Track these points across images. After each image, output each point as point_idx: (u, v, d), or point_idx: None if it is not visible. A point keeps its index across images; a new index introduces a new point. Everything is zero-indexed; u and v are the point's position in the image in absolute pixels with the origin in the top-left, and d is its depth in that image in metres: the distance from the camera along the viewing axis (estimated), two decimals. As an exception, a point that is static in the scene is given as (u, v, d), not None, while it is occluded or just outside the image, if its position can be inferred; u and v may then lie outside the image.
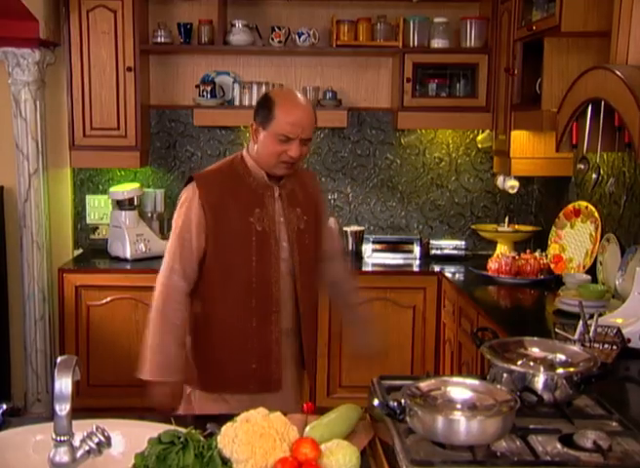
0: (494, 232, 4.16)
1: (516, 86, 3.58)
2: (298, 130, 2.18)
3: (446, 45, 4.03)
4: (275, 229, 2.27)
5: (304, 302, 2.33)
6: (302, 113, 2.22)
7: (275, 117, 2.19)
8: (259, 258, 2.25)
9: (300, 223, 2.32)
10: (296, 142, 2.19)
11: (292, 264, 2.29)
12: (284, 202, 2.30)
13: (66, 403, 1.27)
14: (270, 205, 2.27)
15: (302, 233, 2.32)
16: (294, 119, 2.18)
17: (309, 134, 2.23)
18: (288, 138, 2.18)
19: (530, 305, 3.32)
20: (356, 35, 4.03)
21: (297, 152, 2.20)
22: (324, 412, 1.68)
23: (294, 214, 2.31)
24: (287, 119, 2.18)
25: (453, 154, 4.37)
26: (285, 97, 2.31)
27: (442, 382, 1.60)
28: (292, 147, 2.19)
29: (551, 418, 1.60)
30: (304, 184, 2.39)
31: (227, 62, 4.25)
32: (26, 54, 3.88)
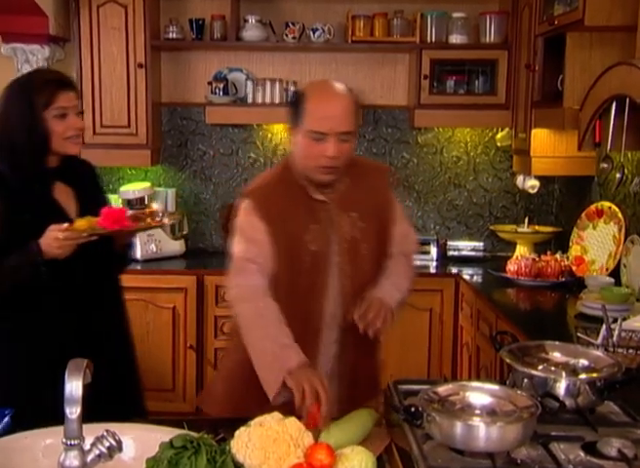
0: (513, 233, 4.14)
1: (537, 82, 3.56)
2: (331, 123, 1.92)
3: (464, 41, 4.02)
4: (333, 245, 2.05)
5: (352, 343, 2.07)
6: (335, 102, 1.95)
7: (306, 111, 1.95)
8: (310, 281, 2.04)
9: (355, 231, 2.07)
10: (332, 139, 1.93)
11: (341, 285, 2.06)
12: (336, 208, 2.07)
13: (77, 406, 1.28)
14: (329, 217, 2.06)
15: (358, 243, 2.07)
16: (325, 111, 1.94)
17: (347, 126, 1.95)
18: (322, 135, 1.93)
19: (550, 308, 3.30)
20: (372, 31, 4.03)
21: (334, 150, 1.94)
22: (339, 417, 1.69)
23: (346, 221, 2.07)
24: (317, 112, 1.94)
25: (471, 153, 4.36)
26: (316, 87, 2.07)
27: (460, 387, 1.60)
28: (328, 146, 1.93)
29: (574, 425, 1.59)
30: (367, 181, 2.12)
31: (240, 59, 4.26)
32: (35, 50, 3.91)
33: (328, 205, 2.06)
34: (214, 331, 3.88)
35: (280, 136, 4.34)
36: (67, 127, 2.12)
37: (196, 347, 3.86)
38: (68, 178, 2.22)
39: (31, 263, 2.05)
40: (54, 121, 2.10)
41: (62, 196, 2.19)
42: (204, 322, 3.87)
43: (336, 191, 2.08)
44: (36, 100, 2.08)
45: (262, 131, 4.34)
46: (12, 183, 2.10)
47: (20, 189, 2.10)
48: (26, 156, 2.10)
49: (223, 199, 4.38)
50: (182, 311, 3.86)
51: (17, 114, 2.10)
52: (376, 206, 2.13)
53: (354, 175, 2.11)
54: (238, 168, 4.37)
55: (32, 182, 2.12)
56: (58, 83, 2.13)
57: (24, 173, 2.11)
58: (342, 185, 2.09)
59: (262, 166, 4.36)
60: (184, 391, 3.89)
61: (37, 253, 2.03)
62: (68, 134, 2.13)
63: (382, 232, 2.14)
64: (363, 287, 2.07)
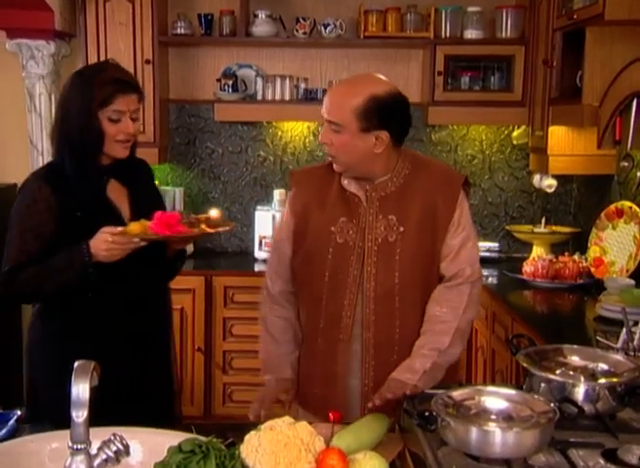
0: (529, 233, 4.13)
1: (555, 79, 3.55)
2: (324, 108, 2.07)
3: (480, 36, 4.01)
4: (362, 244, 2.09)
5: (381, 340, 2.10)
6: (334, 90, 2.16)
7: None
8: (332, 275, 2.11)
9: (390, 234, 2.07)
10: (325, 124, 2.06)
11: (372, 286, 2.09)
12: (373, 207, 2.09)
13: (84, 409, 1.28)
14: (363, 214, 2.10)
15: (392, 247, 2.07)
16: (326, 96, 2.10)
17: (333, 116, 2.03)
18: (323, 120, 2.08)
19: (568, 311, 3.29)
20: (385, 26, 4.03)
21: (321, 135, 2.09)
22: (351, 422, 1.69)
23: (383, 223, 2.08)
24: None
25: (486, 151, 4.35)
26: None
27: (476, 391, 1.60)
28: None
29: (593, 432, 1.58)
30: (423, 185, 2.10)
31: (250, 55, 4.27)
32: (41, 45, 3.93)
33: (365, 201, 2.10)
34: (222, 333, 3.88)
35: (290, 134, 4.35)
36: (119, 130, 2.10)
37: (204, 350, 3.87)
38: (123, 177, 2.20)
39: (79, 265, 2.03)
40: (106, 122, 2.08)
41: (116, 195, 2.18)
42: (212, 324, 3.88)
43: (380, 190, 2.10)
44: (94, 98, 2.06)
45: (272, 128, 4.35)
46: (69, 177, 2.09)
47: (75, 184, 2.09)
48: (82, 150, 2.09)
49: (232, 198, 4.39)
50: (190, 313, 3.86)
51: (75, 107, 2.08)
52: (426, 212, 2.09)
53: (411, 177, 2.11)
54: (247, 166, 4.38)
55: (87, 178, 2.11)
56: (119, 84, 2.10)
57: (81, 166, 2.10)
58: (392, 186, 2.10)
59: (272, 164, 4.36)
60: (192, 394, 3.90)
61: (86, 254, 2.02)
62: (119, 137, 2.11)
63: (428, 242, 2.09)
64: (389, 293, 2.07)
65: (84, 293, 2.11)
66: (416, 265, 2.09)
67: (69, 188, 2.09)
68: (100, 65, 2.21)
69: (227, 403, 3.94)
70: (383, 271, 2.08)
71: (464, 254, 2.11)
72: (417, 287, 2.10)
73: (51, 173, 2.14)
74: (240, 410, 3.83)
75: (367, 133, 2.01)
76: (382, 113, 2.01)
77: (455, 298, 2.09)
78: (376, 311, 2.08)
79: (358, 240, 2.09)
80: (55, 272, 2.06)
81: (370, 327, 2.10)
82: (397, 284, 2.08)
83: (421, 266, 2.09)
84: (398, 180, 2.10)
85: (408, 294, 2.09)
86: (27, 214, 2.07)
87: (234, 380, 3.93)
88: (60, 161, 2.12)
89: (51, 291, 2.09)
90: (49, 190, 2.07)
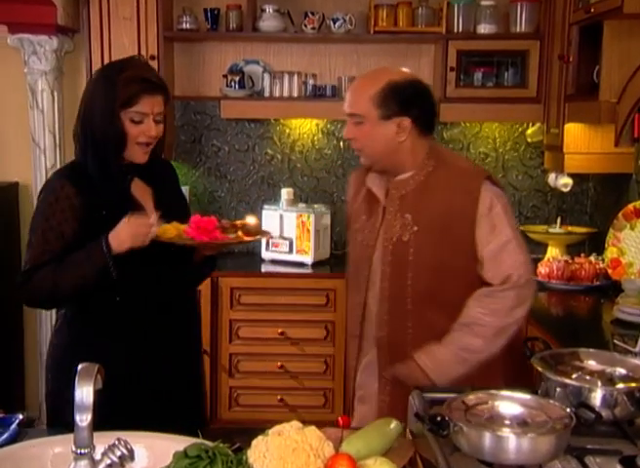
0: (544, 234, 4.11)
1: (571, 74, 3.54)
2: (345, 103, 2.16)
3: (493, 30, 4.00)
4: (374, 243, 2.17)
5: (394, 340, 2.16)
6: (352, 85, 2.22)
7: None
8: (353, 272, 2.23)
9: (404, 234, 2.11)
10: (348, 120, 2.15)
11: (386, 286, 2.14)
12: (393, 206, 2.14)
13: (88, 413, 1.29)
14: (381, 213, 2.17)
15: (405, 246, 2.11)
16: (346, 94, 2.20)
17: (351, 108, 2.13)
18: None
19: (585, 314, 3.28)
20: (396, 20, 4.02)
21: (345, 131, 2.17)
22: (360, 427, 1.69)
23: (399, 221, 2.12)
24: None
25: (500, 149, 4.34)
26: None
27: (489, 396, 1.59)
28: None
29: (611, 438, 1.57)
30: (442, 184, 2.13)
31: (257, 50, 4.27)
32: (43, 41, 3.94)
33: (382, 200, 2.16)
34: (228, 335, 3.89)
35: (298, 132, 4.35)
36: (140, 132, 2.08)
37: (210, 352, 3.87)
38: (147, 176, 2.19)
39: (98, 258, 2.01)
40: (128, 123, 2.06)
41: (140, 193, 2.16)
42: (218, 326, 3.88)
43: (401, 188, 2.14)
44: (117, 97, 2.04)
45: (280, 126, 4.35)
46: (93, 176, 2.07)
47: (98, 183, 2.08)
48: (105, 150, 2.07)
49: (239, 197, 4.40)
50: (196, 315, 3.87)
51: (97, 106, 2.07)
52: (443, 212, 2.10)
53: (432, 175, 2.13)
54: (254, 165, 4.38)
55: (111, 177, 2.10)
56: (145, 83, 2.07)
57: (104, 165, 2.08)
58: (413, 184, 2.13)
59: (280, 163, 4.37)
60: (197, 399, 3.91)
61: (105, 246, 2.00)
62: (140, 139, 2.09)
63: (445, 242, 2.10)
64: (401, 294, 2.10)
65: (112, 297, 2.10)
66: (430, 267, 2.10)
67: (93, 187, 2.08)
68: (126, 62, 2.17)
69: (234, 407, 3.94)
70: (397, 271, 2.11)
71: (507, 260, 2.09)
72: (431, 289, 2.11)
73: (74, 171, 2.12)
74: (247, 415, 3.86)
75: (387, 120, 2.08)
76: (401, 98, 2.07)
77: (499, 302, 2.09)
78: (389, 311, 2.12)
79: (372, 239, 2.15)
80: (71, 268, 2.03)
81: (383, 326, 2.14)
82: (409, 285, 2.10)
83: (437, 268, 2.10)
84: (419, 178, 2.13)
85: (421, 296, 2.10)
86: (50, 212, 2.06)
87: (241, 384, 3.94)
88: (83, 160, 2.11)
89: (68, 289, 2.05)
90: (72, 189, 2.06)
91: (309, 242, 4.02)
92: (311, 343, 3.89)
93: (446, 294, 2.12)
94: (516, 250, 2.11)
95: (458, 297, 2.11)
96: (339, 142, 4.35)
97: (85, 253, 2.03)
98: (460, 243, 2.10)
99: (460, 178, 2.14)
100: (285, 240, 4.03)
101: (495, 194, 2.12)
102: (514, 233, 2.13)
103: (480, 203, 2.09)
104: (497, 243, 2.09)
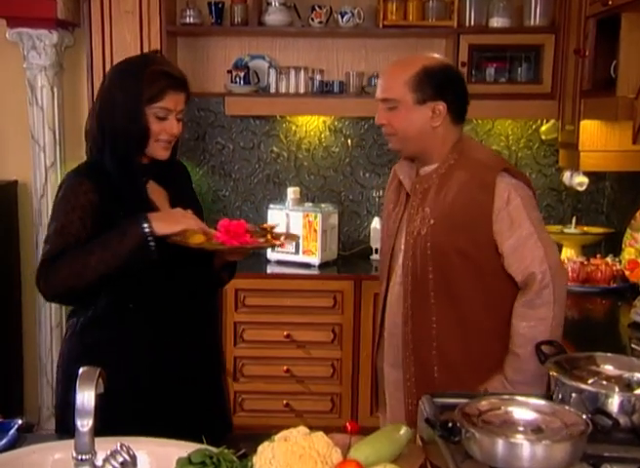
0: (559, 234, 4.10)
1: (587, 69, 3.53)
2: (377, 89, 2.23)
3: (507, 24, 3.99)
4: (394, 234, 2.25)
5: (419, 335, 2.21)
6: (384, 70, 2.29)
7: None
8: (380, 264, 2.38)
9: (422, 228, 2.17)
10: (380, 105, 2.21)
11: (409, 280, 2.20)
12: (416, 199, 2.21)
13: (89, 418, 1.29)
14: (405, 205, 2.25)
15: (423, 240, 2.16)
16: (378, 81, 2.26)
17: (385, 93, 2.19)
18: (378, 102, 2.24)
19: (601, 317, 3.27)
20: (405, 14, 4.02)
21: (377, 117, 2.22)
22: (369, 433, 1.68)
23: (418, 216, 2.18)
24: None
25: (513, 147, 4.33)
26: None
27: (502, 401, 1.59)
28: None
29: (629, 446, 1.57)
30: (460, 176, 2.17)
31: (262, 45, 4.28)
32: (43, 35, 3.95)
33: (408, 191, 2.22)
34: (233, 338, 3.89)
35: (305, 129, 4.35)
36: (163, 129, 2.08)
37: (214, 356, 3.87)
38: (161, 179, 2.19)
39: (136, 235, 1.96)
40: (152, 119, 2.06)
41: (156, 196, 2.16)
42: (222, 329, 3.88)
43: (424, 182, 2.20)
44: (143, 92, 2.04)
45: (286, 123, 4.36)
46: (111, 174, 2.06)
47: (117, 182, 2.07)
48: (125, 148, 2.07)
49: (244, 196, 4.40)
50: (199, 317, 3.87)
51: (120, 103, 2.06)
52: (460, 205, 2.13)
53: (453, 168, 2.18)
54: (260, 163, 4.38)
55: (128, 178, 2.09)
56: (171, 79, 2.09)
57: (123, 165, 2.08)
58: (436, 178, 2.19)
59: (286, 161, 4.37)
60: (201, 404, 3.91)
61: (144, 221, 1.96)
62: (161, 137, 2.10)
63: (461, 236, 2.12)
64: (425, 289, 2.16)
65: (124, 304, 2.09)
66: (449, 260, 2.14)
67: (110, 186, 2.07)
68: (148, 57, 2.17)
69: (239, 412, 3.94)
70: (418, 265, 2.16)
71: (528, 255, 2.11)
72: (453, 282, 2.15)
73: (91, 169, 2.11)
74: (252, 420, 3.86)
75: (422, 104, 2.14)
76: (436, 82, 2.14)
77: (540, 309, 2.12)
78: (412, 305, 2.18)
79: (394, 229, 2.25)
80: (101, 248, 1.97)
81: (408, 321, 2.19)
82: (431, 279, 2.15)
83: (457, 261, 2.13)
84: (441, 171, 2.19)
85: (444, 290, 2.15)
86: (69, 208, 2.04)
87: (245, 388, 3.94)
88: (100, 158, 2.10)
89: (97, 272, 1.97)
90: (90, 185, 2.05)
91: (316, 242, 4.02)
92: (318, 346, 3.89)
93: (469, 288, 2.15)
94: (537, 244, 2.12)
95: (482, 290, 2.16)
96: (346, 140, 4.35)
97: (119, 231, 1.98)
98: (478, 236, 2.12)
99: (475, 171, 2.17)
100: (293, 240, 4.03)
101: (513, 186, 2.13)
102: (535, 227, 2.13)
103: (496, 196, 2.11)
104: (516, 238, 2.11)
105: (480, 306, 2.16)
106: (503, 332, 2.16)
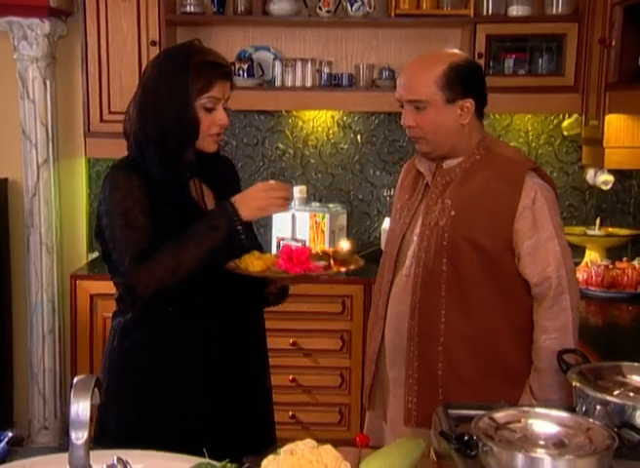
0: (582, 236, 4.10)
1: (613, 60, 3.52)
2: (400, 90, 2.25)
3: (527, 12, 3.98)
4: (412, 224, 2.30)
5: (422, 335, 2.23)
6: (408, 70, 2.29)
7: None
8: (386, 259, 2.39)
9: (443, 219, 2.22)
10: (405, 107, 2.24)
11: (420, 272, 2.24)
12: (436, 192, 2.26)
13: (84, 430, 1.29)
14: (423, 196, 2.31)
15: (441, 231, 2.21)
16: (400, 79, 2.28)
17: (413, 94, 2.21)
18: (400, 103, 2.26)
19: (627, 324, 3.27)
20: (419, 3, 4.02)
21: (405, 119, 2.24)
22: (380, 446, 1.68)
23: (437, 207, 2.23)
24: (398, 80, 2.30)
25: (532, 143, 4.33)
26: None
27: (522, 413, 1.59)
28: (404, 114, 2.25)
29: (657, 462, 1.57)
30: (484, 171, 2.23)
31: (267, 36, 4.28)
32: (34, 24, 3.96)
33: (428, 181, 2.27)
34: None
35: (312, 125, 4.36)
36: (213, 121, 2.11)
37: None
38: (206, 176, 2.21)
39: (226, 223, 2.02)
40: (202, 112, 2.09)
41: (200, 196, 2.19)
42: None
43: (446, 175, 2.25)
44: (191, 84, 2.06)
45: (292, 118, 4.36)
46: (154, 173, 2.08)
47: (160, 181, 2.09)
48: (173, 144, 2.08)
49: (247, 196, 4.40)
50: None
51: (166, 96, 2.07)
52: (483, 199, 2.19)
53: (479, 163, 2.24)
54: (264, 160, 4.39)
55: (172, 176, 2.11)
56: (218, 68, 2.11)
57: (167, 161, 2.09)
58: (459, 171, 2.24)
59: (292, 158, 4.37)
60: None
61: (231, 209, 2.03)
62: (213, 130, 2.12)
63: (482, 231, 2.17)
64: (436, 281, 2.19)
65: (165, 307, 2.12)
66: (464, 253, 2.18)
67: (154, 185, 2.09)
68: (189, 47, 2.19)
69: (241, 425, 3.94)
70: (433, 257, 2.20)
71: (546, 259, 2.16)
72: (465, 277, 2.19)
73: (135, 165, 2.12)
74: (255, 434, 3.86)
75: (452, 103, 2.20)
76: (464, 80, 2.20)
77: (558, 317, 2.17)
78: (421, 298, 2.20)
79: (409, 216, 2.29)
80: (192, 242, 2.02)
81: (415, 314, 2.21)
82: (444, 271, 2.19)
83: (472, 255, 2.18)
84: (465, 165, 2.24)
85: (455, 285, 2.18)
86: (126, 206, 2.05)
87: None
88: (139, 156, 2.12)
89: (192, 266, 2.03)
90: (139, 181, 2.07)
91: (324, 244, 4.02)
92: (326, 355, 3.89)
93: (481, 284, 2.19)
94: (556, 248, 2.17)
95: (494, 288, 2.19)
96: (356, 136, 4.35)
97: (206, 224, 2.04)
98: (496, 231, 2.17)
99: (504, 167, 2.23)
100: (297, 242, 4.03)
101: (540, 187, 2.19)
102: (557, 231, 2.19)
103: (523, 194, 2.16)
104: (536, 239, 2.16)
105: (490, 304, 2.20)
106: (512, 334, 2.21)
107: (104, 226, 2.12)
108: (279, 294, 2.32)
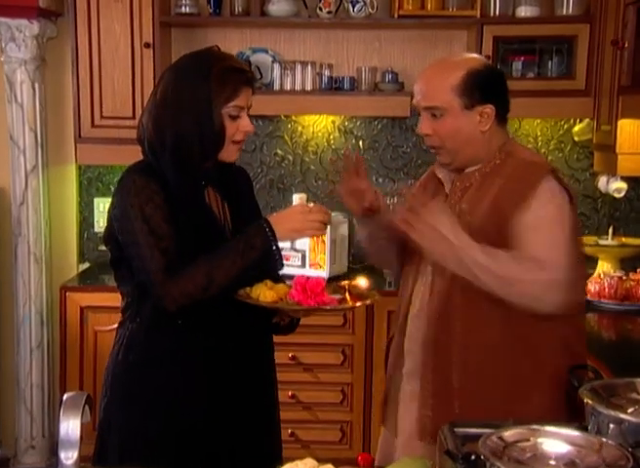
0: (594, 246, 4.09)
1: (626, 63, 3.53)
2: (417, 97, 2.28)
3: (535, 13, 3.99)
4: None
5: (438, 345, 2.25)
6: (423, 76, 2.32)
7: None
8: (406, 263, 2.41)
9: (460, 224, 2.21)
10: (422, 114, 2.27)
11: (437, 280, 2.26)
12: (454, 197, 2.29)
13: (74, 450, 1.29)
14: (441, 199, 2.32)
15: None
16: (416, 85, 2.30)
17: (430, 101, 2.24)
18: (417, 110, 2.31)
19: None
20: (423, 3, 4.03)
21: (421, 127, 2.27)
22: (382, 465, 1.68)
23: (456, 212, 2.24)
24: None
25: (542, 149, 4.33)
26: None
27: (531, 432, 1.58)
28: (420, 121, 2.28)
29: (673, 482, 1.56)
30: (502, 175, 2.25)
31: (266, 38, 4.29)
32: (23, 25, 3.96)
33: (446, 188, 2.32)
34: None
35: (312, 130, 4.36)
36: (238, 129, 2.13)
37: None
38: (221, 186, 2.22)
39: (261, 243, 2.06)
40: (227, 120, 2.10)
41: (216, 206, 2.21)
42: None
43: (466, 180, 2.27)
44: (215, 93, 2.08)
45: (292, 123, 4.37)
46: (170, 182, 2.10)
47: (176, 190, 2.10)
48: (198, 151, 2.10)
49: (244, 204, 4.40)
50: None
51: (189, 105, 2.08)
52: (497, 200, 2.20)
53: (497, 167, 2.26)
54: (262, 167, 4.39)
55: (188, 184, 2.13)
56: (242, 74, 2.13)
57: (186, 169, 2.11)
58: (478, 176, 2.26)
59: (291, 164, 4.38)
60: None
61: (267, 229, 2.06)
62: (237, 137, 2.14)
63: (494, 235, 2.17)
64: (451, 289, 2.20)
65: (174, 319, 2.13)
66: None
67: (169, 191, 2.10)
68: (210, 54, 2.19)
69: (238, 443, 3.94)
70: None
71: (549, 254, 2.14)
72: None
73: (151, 170, 2.13)
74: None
75: (471, 110, 2.21)
76: (484, 85, 2.21)
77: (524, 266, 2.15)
78: (438, 307, 2.22)
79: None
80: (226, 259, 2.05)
81: (431, 325, 2.23)
82: (460, 279, 2.17)
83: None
84: (484, 170, 2.26)
85: (472, 293, 2.17)
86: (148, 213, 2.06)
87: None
88: (155, 162, 2.13)
89: (224, 283, 2.05)
90: (158, 185, 2.08)
91: (324, 255, 4.02)
92: (327, 370, 3.89)
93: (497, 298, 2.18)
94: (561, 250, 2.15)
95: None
96: (357, 141, 4.36)
97: (243, 241, 2.06)
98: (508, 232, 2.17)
99: (522, 169, 2.25)
100: (297, 252, 4.03)
101: (556, 190, 2.20)
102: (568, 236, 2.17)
103: (537, 193, 2.16)
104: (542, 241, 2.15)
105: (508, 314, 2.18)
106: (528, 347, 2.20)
107: (120, 231, 2.12)
108: (288, 326, 2.33)
